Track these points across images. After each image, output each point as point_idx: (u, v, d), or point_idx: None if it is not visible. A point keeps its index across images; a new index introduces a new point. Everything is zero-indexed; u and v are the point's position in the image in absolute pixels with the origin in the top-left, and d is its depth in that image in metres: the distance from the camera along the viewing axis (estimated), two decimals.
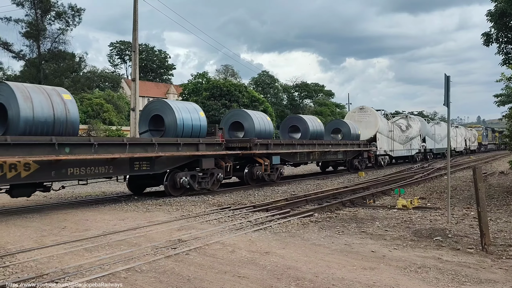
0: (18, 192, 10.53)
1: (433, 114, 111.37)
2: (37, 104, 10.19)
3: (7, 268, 5.72)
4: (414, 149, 32.86)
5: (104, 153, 11.11)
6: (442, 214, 9.96)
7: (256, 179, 16.80)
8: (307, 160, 20.92)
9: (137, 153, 11.94)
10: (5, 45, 28.46)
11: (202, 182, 14.19)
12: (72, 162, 10.50)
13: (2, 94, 10.30)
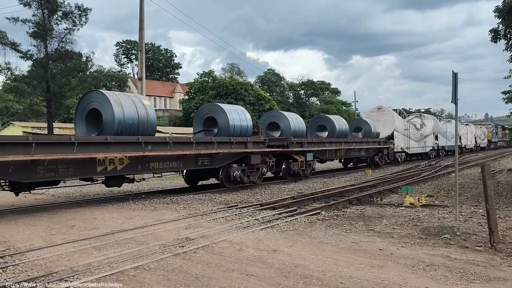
0: (112, 183, 12.52)
1: (440, 111, 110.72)
2: (126, 108, 11.98)
3: (17, 267, 5.77)
4: (428, 147, 34.20)
5: (176, 150, 12.90)
6: (450, 212, 9.91)
7: (293, 174, 18.46)
8: (335, 157, 22.70)
9: (201, 150, 13.71)
10: (12, 45, 28.55)
11: (250, 176, 15.92)
12: (154, 157, 12.29)
13: (96, 101, 12.06)
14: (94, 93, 12.52)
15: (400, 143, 29.65)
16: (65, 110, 36.85)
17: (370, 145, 25.23)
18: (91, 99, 12.31)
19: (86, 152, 10.65)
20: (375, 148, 25.94)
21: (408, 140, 30.93)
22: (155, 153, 12.13)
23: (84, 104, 12.38)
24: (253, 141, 16.07)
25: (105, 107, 11.84)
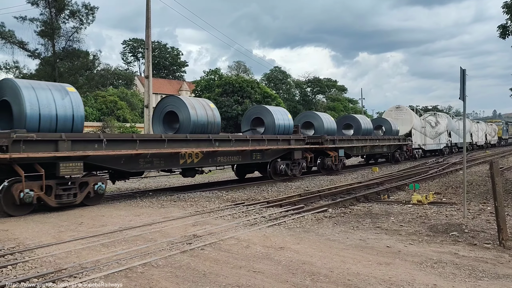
0: (188, 174, 14.58)
1: (447, 108, 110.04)
2: (198, 110, 14.15)
3: (26, 263, 5.83)
4: (442, 143, 35.70)
5: (237, 146, 14.99)
6: (458, 209, 9.86)
7: (326, 168, 20.40)
8: (361, 153, 24.72)
9: (256, 146, 15.83)
10: (20, 44, 28.86)
11: (292, 169, 17.81)
12: (221, 152, 14.45)
13: (173, 104, 14.34)
14: (171, 97, 15.11)
15: (417, 140, 31.55)
16: None
17: (391, 142, 27.28)
18: (168, 102, 14.64)
19: (172, 147, 12.73)
20: (396, 145, 28.07)
21: (424, 137, 32.68)
22: (221, 149, 14.38)
23: (162, 107, 14.70)
24: (295, 138, 18.19)
25: (181, 110, 14.04)
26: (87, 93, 39.20)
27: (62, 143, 10.09)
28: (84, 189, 10.67)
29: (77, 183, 10.54)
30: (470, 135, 43.78)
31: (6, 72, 29.56)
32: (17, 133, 9.36)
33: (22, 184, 9.35)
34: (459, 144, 39.72)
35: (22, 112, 9.85)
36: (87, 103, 44.74)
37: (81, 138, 10.69)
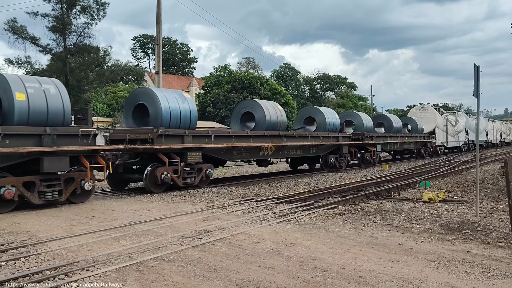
0: (263, 164, 17.45)
1: (458, 106, 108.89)
2: (271, 111, 17.25)
3: (39, 256, 5.88)
4: (461, 141, 37.94)
5: (300, 142, 17.73)
6: (470, 207, 9.76)
7: (366, 162, 22.80)
8: (393, 149, 27.04)
9: (314, 142, 18.50)
10: (32, 39, 29.09)
11: (340, 162, 20.40)
12: (287, 147, 17.20)
13: (250, 106, 17.44)
14: (248, 100, 19.07)
15: (440, 138, 34.55)
16: (83, 104, 37.35)
17: (417, 139, 29.76)
18: (245, 105, 17.94)
19: (256, 142, 15.52)
20: (421, 142, 30.50)
21: (446, 135, 35.64)
22: (288, 143, 17.02)
23: (239, 108, 17.97)
24: (342, 135, 20.79)
25: (257, 110, 17.09)
26: (97, 89, 39.45)
27: (187, 137, 12.93)
28: (200, 173, 13.34)
29: (196, 168, 13.24)
30: (486, 133, 45.34)
31: (18, 67, 29.86)
32: (159, 129, 12.07)
33: (165, 168, 12.13)
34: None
35: (159, 113, 12.73)
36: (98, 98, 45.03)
37: (198, 133, 13.73)
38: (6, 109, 9.65)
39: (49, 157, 9.71)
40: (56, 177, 9.94)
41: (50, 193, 9.76)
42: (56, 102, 10.13)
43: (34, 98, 9.76)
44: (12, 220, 8.41)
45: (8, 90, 9.55)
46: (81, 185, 10.24)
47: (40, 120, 9.84)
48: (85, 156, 10.52)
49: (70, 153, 10.15)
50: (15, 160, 9.44)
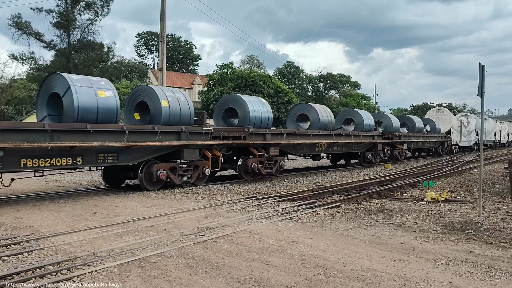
0: (317, 158, 21.10)
1: (462, 106, 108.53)
2: (322, 113, 20.20)
3: (41, 251, 5.90)
4: (472, 141, 40.29)
5: (345, 139, 20.46)
6: (473, 207, 9.73)
7: (395, 158, 25.58)
8: (416, 147, 29.44)
9: (356, 139, 21.38)
10: (37, 35, 29.14)
11: (375, 158, 23.28)
12: (336, 144, 19.84)
13: (306, 109, 20.58)
14: (303, 104, 21.97)
15: (455, 138, 36.94)
16: None
17: (436, 139, 32.46)
18: (300, 108, 21.15)
19: (314, 139, 18.28)
20: (439, 141, 33.23)
21: (460, 135, 38.13)
22: (336, 141, 19.70)
23: (295, 111, 21.10)
24: (377, 134, 23.46)
25: (311, 112, 20.12)
26: None
27: (268, 135, 15.72)
28: (276, 164, 16.15)
29: (273, 160, 15.96)
30: (494, 134, 47.36)
31: (22, 62, 29.90)
32: (249, 128, 14.89)
33: (255, 159, 14.99)
34: (486, 141, 44.25)
35: (247, 116, 15.83)
36: None
37: (275, 132, 16.83)
38: (153, 112, 12.50)
39: (187, 149, 12.71)
40: (189, 164, 12.98)
41: (185, 176, 12.83)
42: (185, 107, 13.08)
43: (172, 104, 12.66)
44: (15, 215, 8.44)
45: (155, 99, 12.43)
46: (203, 171, 13.24)
47: (176, 121, 12.75)
48: (206, 149, 13.55)
49: (198, 146, 13.19)
50: (164, 151, 12.39)
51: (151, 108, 12.50)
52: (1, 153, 8.90)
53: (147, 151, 11.86)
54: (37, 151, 9.51)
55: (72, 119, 10.46)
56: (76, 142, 10.05)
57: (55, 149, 9.77)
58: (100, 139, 10.54)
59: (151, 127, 11.90)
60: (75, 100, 10.38)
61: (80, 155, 10.38)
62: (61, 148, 9.88)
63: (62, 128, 9.99)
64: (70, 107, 10.47)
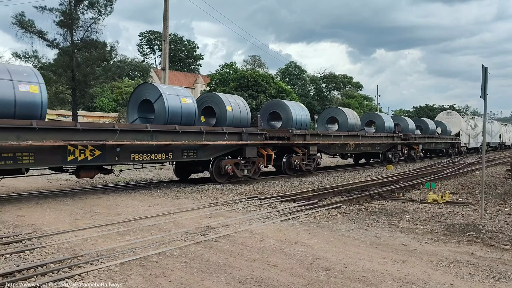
0: (345, 157, 23.90)
1: (465, 108, 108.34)
2: (350, 116, 22.07)
3: (43, 249, 5.91)
4: (478, 142, 42.22)
5: (370, 140, 22.63)
6: (474, 209, 9.71)
7: (411, 158, 27.81)
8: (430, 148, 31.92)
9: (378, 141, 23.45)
10: (40, 33, 29.11)
11: (395, 157, 25.45)
12: (362, 144, 21.98)
13: (335, 112, 22.56)
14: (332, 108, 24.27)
15: (464, 140, 39.16)
16: (89, 99, 37.45)
17: (447, 140, 34.77)
18: (330, 111, 23.18)
19: (345, 140, 20.24)
20: (450, 143, 35.54)
21: (468, 137, 40.18)
22: (363, 142, 21.84)
23: (325, 114, 23.19)
24: (396, 136, 25.73)
25: (340, 115, 21.97)
26: (103, 84, 39.51)
27: (307, 136, 17.79)
28: (314, 162, 18.21)
29: (312, 158, 18.02)
30: (499, 136, 49.37)
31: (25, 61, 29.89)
32: (293, 130, 16.93)
33: (298, 157, 17.16)
34: (491, 143, 46.88)
35: (290, 119, 17.75)
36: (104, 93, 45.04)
37: (313, 133, 18.59)
38: (219, 116, 14.60)
39: (247, 147, 14.54)
40: (248, 160, 14.77)
41: (246, 170, 14.68)
42: (244, 112, 15.09)
43: (235, 109, 14.69)
44: (17, 213, 8.47)
45: (221, 104, 14.53)
46: (258, 166, 15.16)
47: (238, 123, 14.70)
48: (261, 147, 15.35)
49: (256, 145, 15.03)
50: (230, 149, 14.18)
51: (217, 112, 14.69)
52: (118, 149, 10.93)
53: (218, 149, 13.87)
54: (143, 147, 11.64)
55: (163, 121, 12.41)
56: (169, 140, 12.00)
57: (154, 146, 11.79)
58: (185, 139, 12.49)
59: (220, 129, 13.87)
60: (166, 106, 12.35)
61: (171, 151, 12.44)
62: (159, 145, 11.87)
63: (159, 129, 11.98)
64: (162, 112, 12.50)
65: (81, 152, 10.30)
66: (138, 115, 13.26)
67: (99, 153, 10.64)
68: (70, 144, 9.96)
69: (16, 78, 9.55)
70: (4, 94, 9.19)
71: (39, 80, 9.97)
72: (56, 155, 9.89)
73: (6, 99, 9.20)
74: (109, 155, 10.90)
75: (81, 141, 10.20)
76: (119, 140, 10.82)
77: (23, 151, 9.32)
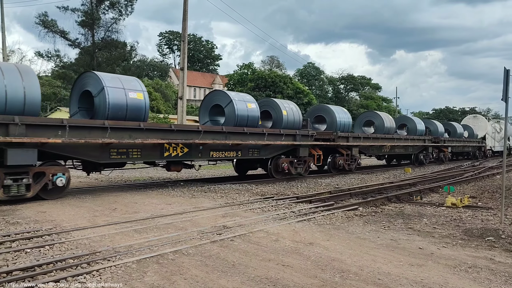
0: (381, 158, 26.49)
1: (486, 110, 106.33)
2: (387, 119, 23.56)
3: (63, 244, 6.04)
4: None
5: (403, 142, 24.02)
6: (494, 214, 9.54)
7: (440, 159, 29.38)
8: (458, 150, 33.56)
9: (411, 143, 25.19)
10: (62, 33, 29.76)
11: (426, 159, 27.04)
12: (397, 146, 23.53)
13: (372, 116, 24.08)
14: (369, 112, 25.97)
15: (489, 143, 40.66)
16: None
17: (474, 143, 36.51)
18: (367, 115, 24.84)
19: (382, 142, 21.83)
20: (477, 146, 37.32)
21: (493, 141, 41.52)
22: (398, 144, 23.36)
23: (362, 117, 24.61)
24: (427, 138, 27.21)
25: (377, 119, 23.54)
26: None
27: (350, 138, 19.24)
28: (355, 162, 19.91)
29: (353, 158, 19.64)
30: None
31: (47, 60, 30.57)
32: (338, 132, 18.49)
33: (342, 157, 18.85)
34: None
35: (334, 122, 19.56)
36: None
37: (354, 135, 20.00)
38: (275, 119, 16.36)
39: (301, 147, 16.27)
40: (300, 159, 16.42)
41: (299, 168, 16.29)
42: (296, 115, 16.74)
43: (289, 113, 16.43)
44: (38, 209, 8.66)
45: (278, 109, 16.37)
46: (309, 165, 17.02)
47: (291, 126, 16.33)
48: (312, 148, 17.12)
49: (308, 146, 16.74)
50: (286, 149, 15.94)
51: (273, 116, 16.48)
52: (201, 147, 12.84)
53: (276, 148, 15.59)
54: (220, 146, 13.47)
55: (232, 124, 14.26)
56: (238, 140, 13.79)
57: (228, 145, 13.60)
58: (251, 139, 14.25)
59: (278, 131, 15.57)
60: (235, 110, 14.25)
61: (240, 150, 14.25)
62: (232, 144, 13.64)
63: (232, 131, 13.78)
64: (232, 115, 14.37)
65: (174, 149, 12.16)
66: (208, 118, 15.26)
67: (187, 150, 12.53)
68: (167, 142, 11.77)
69: (126, 86, 11.47)
70: (119, 100, 11.13)
71: (143, 88, 11.95)
72: (156, 151, 11.77)
73: (120, 104, 11.14)
74: (194, 152, 12.82)
75: (175, 140, 12.00)
76: (203, 139, 12.73)
77: (134, 148, 11.25)
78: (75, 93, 11.93)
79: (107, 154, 10.79)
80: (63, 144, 9.82)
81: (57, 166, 10.07)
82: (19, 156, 9.13)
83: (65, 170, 10.19)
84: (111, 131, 10.59)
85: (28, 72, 9.80)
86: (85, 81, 11.62)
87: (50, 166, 9.90)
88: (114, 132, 10.65)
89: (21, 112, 9.38)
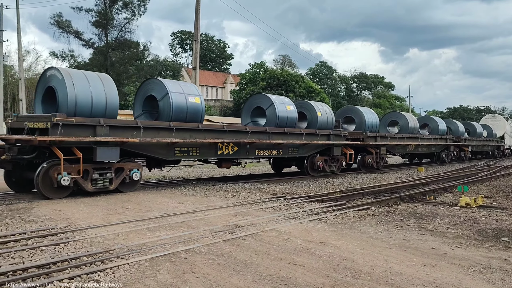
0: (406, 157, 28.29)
1: (502, 109, 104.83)
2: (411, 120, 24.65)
3: (77, 242, 6.13)
4: None
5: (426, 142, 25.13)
6: (509, 214, 9.41)
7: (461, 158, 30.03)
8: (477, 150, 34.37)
9: (434, 142, 26.11)
10: (76, 33, 30.12)
11: (447, 158, 27.90)
12: (421, 145, 24.50)
13: (396, 116, 25.48)
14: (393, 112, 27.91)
15: (508, 142, 41.31)
16: (122, 97, 38.27)
17: (493, 143, 37.14)
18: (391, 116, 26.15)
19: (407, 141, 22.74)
20: (496, 145, 38.08)
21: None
22: (421, 143, 24.54)
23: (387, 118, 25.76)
24: (449, 138, 28.29)
25: (401, 119, 24.60)
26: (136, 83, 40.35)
27: (378, 138, 20.45)
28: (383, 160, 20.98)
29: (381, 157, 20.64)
30: None
31: (62, 60, 30.96)
32: (367, 133, 19.66)
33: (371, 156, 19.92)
34: None
35: (363, 122, 20.64)
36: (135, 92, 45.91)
37: (382, 135, 21.13)
38: (310, 120, 17.52)
39: (335, 147, 17.52)
40: (334, 158, 17.69)
41: (332, 166, 17.50)
42: (329, 116, 17.98)
43: (323, 114, 17.49)
44: (53, 207, 8.79)
45: (313, 110, 17.49)
46: (341, 163, 18.03)
47: (325, 126, 17.51)
48: (344, 147, 18.20)
49: (341, 145, 17.99)
50: (321, 148, 17.21)
51: (308, 117, 17.60)
52: (248, 146, 14.04)
53: (312, 148, 16.77)
54: (264, 145, 14.69)
55: (273, 124, 15.48)
56: (280, 140, 15.07)
57: (271, 144, 14.76)
58: (291, 138, 15.47)
59: (314, 131, 16.78)
60: (276, 111, 15.49)
61: (281, 148, 15.47)
62: (275, 143, 14.86)
63: (274, 131, 15.05)
64: (273, 116, 15.63)
65: (226, 148, 13.41)
66: (250, 119, 16.55)
67: (236, 149, 13.78)
68: (220, 141, 13.07)
69: (186, 91, 12.74)
70: (181, 104, 12.41)
71: (199, 93, 13.36)
72: (211, 150, 13.06)
73: (182, 107, 12.43)
74: (242, 151, 14.05)
75: (227, 139, 13.29)
76: (250, 139, 14.05)
77: (194, 146, 12.52)
78: (139, 97, 13.15)
79: (172, 152, 12.10)
80: (139, 143, 11.13)
81: (133, 163, 11.30)
82: (105, 153, 10.44)
83: (139, 166, 11.38)
84: (176, 132, 11.93)
85: (108, 80, 11.18)
86: (149, 87, 12.91)
87: (127, 162, 11.13)
88: (177, 133, 11.99)
89: (103, 115, 10.71)
